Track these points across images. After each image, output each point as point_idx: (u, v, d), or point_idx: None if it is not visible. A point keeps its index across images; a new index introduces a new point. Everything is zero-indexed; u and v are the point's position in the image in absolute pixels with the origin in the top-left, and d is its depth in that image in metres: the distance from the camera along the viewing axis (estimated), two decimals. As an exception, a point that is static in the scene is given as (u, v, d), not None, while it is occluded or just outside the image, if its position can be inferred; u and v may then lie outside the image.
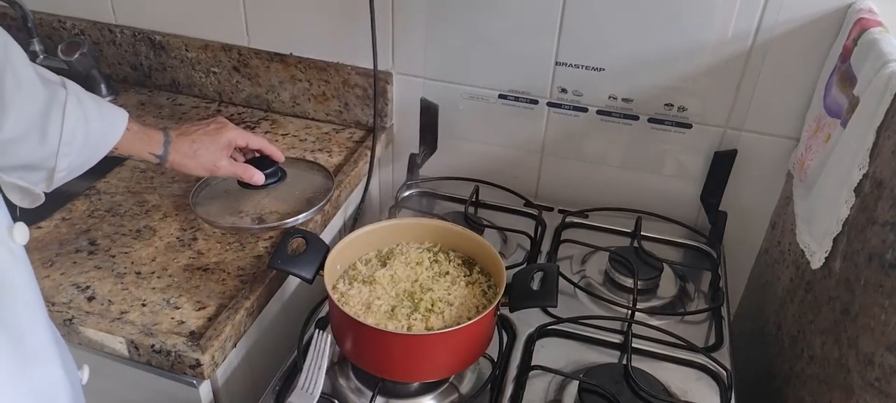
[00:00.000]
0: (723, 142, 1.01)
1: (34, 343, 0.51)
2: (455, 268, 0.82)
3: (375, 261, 0.83)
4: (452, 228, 0.85)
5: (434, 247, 0.85)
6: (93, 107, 0.72)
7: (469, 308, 0.76)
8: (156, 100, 1.25)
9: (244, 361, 0.84)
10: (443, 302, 0.76)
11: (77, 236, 0.90)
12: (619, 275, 0.94)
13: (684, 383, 0.80)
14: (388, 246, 0.85)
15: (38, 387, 0.50)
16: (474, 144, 1.14)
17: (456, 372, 0.78)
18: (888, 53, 0.71)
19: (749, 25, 0.91)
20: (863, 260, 0.70)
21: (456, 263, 0.83)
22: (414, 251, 0.84)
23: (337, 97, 1.16)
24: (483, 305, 0.77)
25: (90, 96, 0.73)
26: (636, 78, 0.99)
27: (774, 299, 0.98)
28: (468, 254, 0.84)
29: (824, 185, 0.79)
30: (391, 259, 0.83)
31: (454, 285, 0.79)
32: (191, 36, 1.20)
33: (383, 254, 0.84)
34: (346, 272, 0.82)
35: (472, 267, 0.83)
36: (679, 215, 1.08)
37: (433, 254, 0.84)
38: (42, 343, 0.52)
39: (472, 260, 0.84)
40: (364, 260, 0.83)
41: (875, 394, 0.64)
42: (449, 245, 0.85)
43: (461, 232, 0.84)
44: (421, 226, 0.86)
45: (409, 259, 0.82)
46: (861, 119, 0.72)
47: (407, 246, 0.85)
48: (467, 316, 0.75)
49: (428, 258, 0.83)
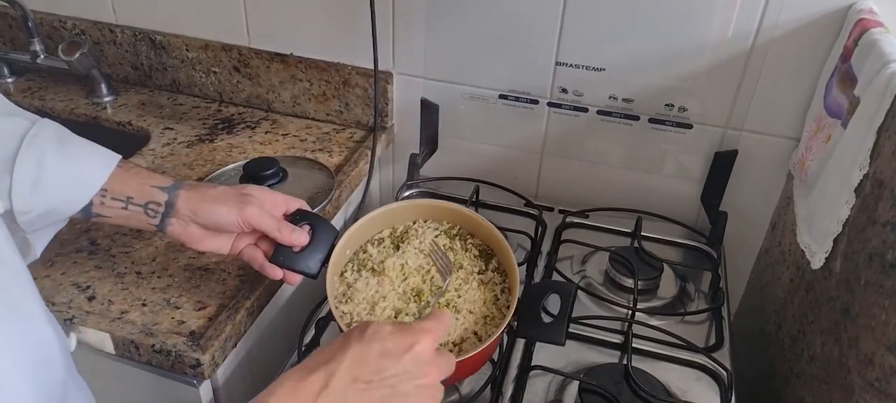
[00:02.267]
0: (723, 142, 1.01)
1: (24, 303, 0.51)
2: (470, 261, 0.79)
3: (388, 242, 0.81)
4: (472, 216, 0.82)
5: (452, 230, 0.82)
6: (52, 146, 0.65)
7: (477, 318, 0.73)
8: (156, 99, 1.25)
9: (244, 361, 0.84)
10: (450, 308, 0.74)
11: (77, 236, 0.90)
12: (620, 275, 0.94)
13: (684, 383, 0.80)
14: (404, 224, 0.82)
15: (31, 342, 0.50)
16: (474, 144, 1.14)
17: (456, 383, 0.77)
18: (889, 54, 0.71)
19: (749, 26, 0.91)
20: (863, 260, 0.70)
21: (473, 254, 0.80)
22: (430, 233, 0.81)
23: (337, 97, 1.16)
24: (492, 316, 0.74)
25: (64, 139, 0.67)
26: (636, 78, 0.99)
27: (775, 299, 0.98)
28: (487, 244, 0.81)
29: (825, 186, 0.79)
30: (405, 241, 0.80)
31: (466, 283, 0.76)
32: (191, 36, 1.20)
33: (397, 235, 0.81)
34: (356, 255, 0.79)
35: (489, 261, 0.79)
36: (679, 215, 1.07)
37: (450, 239, 0.81)
38: (29, 305, 0.52)
39: (489, 251, 0.81)
40: (376, 241, 0.81)
41: (875, 394, 0.64)
42: (468, 229, 0.82)
43: (480, 221, 0.80)
44: (438, 208, 0.83)
45: (423, 243, 0.79)
46: (861, 119, 0.72)
47: (423, 224, 0.82)
48: (473, 329, 0.72)
49: (443, 243, 0.80)
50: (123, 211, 0.69)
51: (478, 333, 0.72)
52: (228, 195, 0.72)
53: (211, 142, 1.13)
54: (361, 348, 0.53)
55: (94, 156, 0.69)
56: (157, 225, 0.71)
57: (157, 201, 0.70)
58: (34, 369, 0.50)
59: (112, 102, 1.24)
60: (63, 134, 0.68)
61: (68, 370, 0.56)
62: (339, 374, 0.51)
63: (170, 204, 0.70)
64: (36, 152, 0.63)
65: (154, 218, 0.70)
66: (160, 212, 0.70)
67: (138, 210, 0.70)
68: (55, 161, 0.64)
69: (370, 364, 0.52)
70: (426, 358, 0.55)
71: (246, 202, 0.71)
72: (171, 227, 0.71)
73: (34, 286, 0.54)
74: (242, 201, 0.71)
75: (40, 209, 0.64)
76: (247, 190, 0.73)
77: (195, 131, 1.16)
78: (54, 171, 0.64)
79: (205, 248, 0.73)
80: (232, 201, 0.71)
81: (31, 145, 0.63)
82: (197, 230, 0.72)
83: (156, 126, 1.17)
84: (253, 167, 0.97)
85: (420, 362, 0.54)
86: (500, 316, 0.73)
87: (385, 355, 0.53)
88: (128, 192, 0.69)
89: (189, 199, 0.71)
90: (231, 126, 1.18)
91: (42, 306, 0.54)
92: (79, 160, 0.67)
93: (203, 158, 1.08)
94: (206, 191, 0.72)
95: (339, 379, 0.51)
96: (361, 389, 0.51)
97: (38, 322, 0.53)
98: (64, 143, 0.67)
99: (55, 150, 0.65)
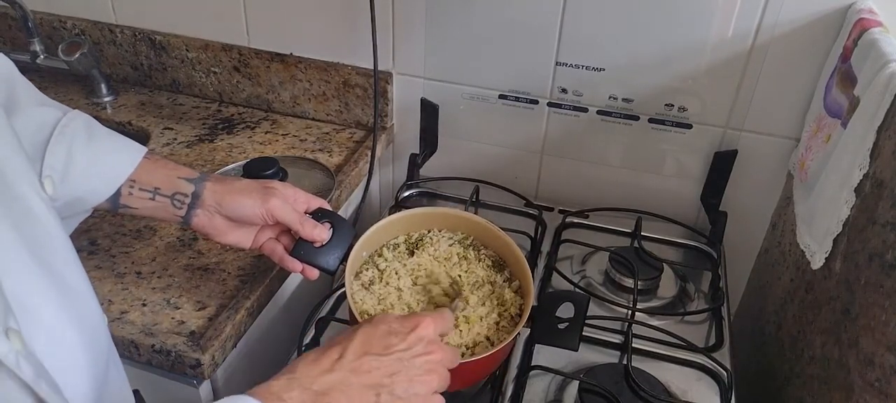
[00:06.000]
0: (723, 142, 1.01)
1: (70, 278, 0.53)
2: (484, 270, 0.80)
3: (403, 248, 0.82)
4: (488, 226, 0.82)
5: (466, 240, 0.83)
6: (82, 136, 0.67)
7: (490, 324, 0.74)
8: (156, 99, 1.25)
9: (244, 361, 0.84)
10: (463, 315, 0.74)
11: (77, 236, 0.90)
12: (620, 275, 0.94)
13: (684, 383, 0.80)
14: (419, 232, 0.83)
15: (81, 316, 0.52)
16: (474, 144, 1.14)
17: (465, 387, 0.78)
18: (888, 54, 0.71)
19: (749, 25, 0.91)
20: (863, 260, 0.70)
21: (486, 263, 0.81)
22: (444, 242, 0.82)
23: (337, 97, 1.16)
24: (505, 323, 0.74)
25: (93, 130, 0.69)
26: (636, 78, 0.99)
27: (774, 299, 0.98)
28: (499, 254, 0.82)
29: (825, 186, 0.79)
30: (420, 248, 0.81)
31: (480, 289, 0.77)
32: (191, 36, 1.20)
33: (412, 241, 0.82)
34: (372, 258, 0.80)
35: (502, 270, 0.80)
36: (679, 215, 1.07)
37: (464, 248, 0.82)
38: (76, 279, 0.54)
39: (502, 262, 0.81)
40: (391, 246, 0.82)
41: (875, 394, 0.64)
42: (481, 240, 0.83)
43: (496, 231, 0.81)
44: (454, 217, 0.84)
45: (437, 251, 0.80)
46: (861, 119, 0.72)
47: (438, 234, 0.83)
48: (486, 334, 0.73)
49: (457, 253, 0.81)
50: (151, 201, 0.70)
51: (490, 338, 0.72)
52: (253, 187, 0.73)
53: (211, 143, 1.13)
54: (370, 329, 0.59)
55: (121, 148, 0.70)
56: (183, 217, 0.72)
57: (184, 192, 0.71)
58: (89, 342, 0.52)
59: (112, 102, 1.24)
60: (92, 125, 0.69)
61: (109, 345, 0.58)
62: (352, 348, 0.56)
63: (196, 196, 0.71)
64: (66, 142, 0.65)
65: (180, 210, 0.71)
66: (187, 204, 0.71)
67: (165, 201, 0.71)
68: (84, 151, 0.66)
69: (379, 341, 0.58)
70: (430, 338, 0.60)
71: (270, 194, 0.72)
72: (197, 219, 0.72)
73: (78, 262, 0.56)
74: (266, 193, 0.72)
75: (67, 197, 0.66)
76: (271, 184, 0.74)
77: (195, 131, 1.16)
78: (83, 161, 0.66)
79: (228, 241, 0.74)
80: (256, 193, 0.72)
81: (61, 134, 0.65)
82: (221, 222, 0.72)
83: (156, 126, 1.17)
84: (253, 167, 0.97)
85: (424, 340, 0.59)
86: (512, 323, 0.74)
87: (392, 333, 0.59)
88: (155, 183, 0.70)
89: (215, 191, 0.71)
90: (231, 126, 1.18)
91: (86, 281, 0.56)
92: (107, 151, 0.69)
93: (203, 158, 1.08)
94: (231, 182, 0.73)
95: (351, 352, 0.56)
96: (372, 360, 0.56)
97: (86, 295, 0.55)
98: (93, 134, 0.68)
99: (85, 141, 0.66)
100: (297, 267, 0.74)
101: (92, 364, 0.52)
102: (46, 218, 0.53)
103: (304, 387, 0.52)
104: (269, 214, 0.72)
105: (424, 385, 0.58)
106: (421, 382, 0.57)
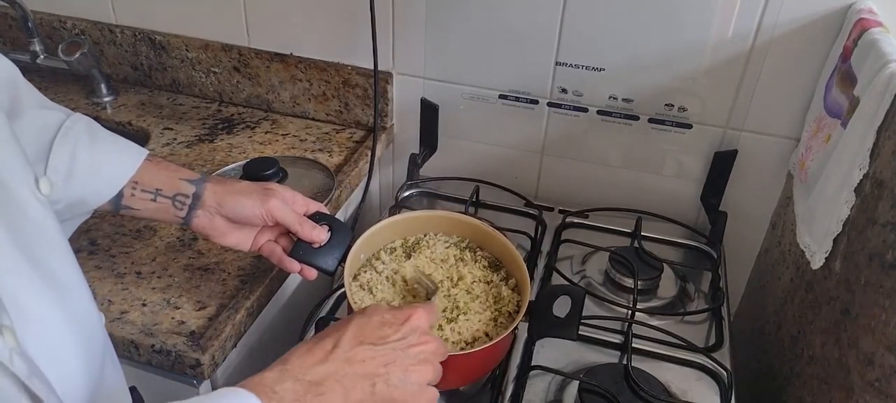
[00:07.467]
0: (723, 142, 1.01)
1: (65, 277, 0.54)
2: (480, 270, 0.80)
3: (400, 251, 0.82)
4: (484, 228, 0.83)
5: (462, 242, 0.84)
6: (85, 139, 0.68)
7: (485, 321, 0.74)
8: (156, 99, 1.25)
9: (244, 361, 0.84)
10: (461, 311, 0.74)
11: (77, 236, 0.90)
12: (620, 275, 0.94)
13: (684, 383, 0.80)
14: (416, 235, 0.84)
15: (75, 314, 0.53)
16: (474, 144, 1.14)
17: (467, 384, 0.78)
18: (888, 54, 0.71)
19: (749, 26, 0.91)
20: (863, 260, 0.70)
21: (482, 265, 0.81)
22: (441, 245, 0.83)
23: (337, 97, 1.16)
24: (502, 319, 0.75)
25: (95, 132, 0.70)
26: (636, 78, 0.99)
27: (774, 299, 0.98)
28: (495, 255, 0.83)
29: (825, 186, 0.79)
30: (417, 251, 0.82)
31: (477, 286, 0.78)
32: (191, 36, 1.20)
33: (409, 244, 0.83)
34: (370, 261, 0.81)
35: (498, 271, 0.81)
36: (679, 215, 1.07)
37: (460, 251, 0.82)
38: (71, 277, 0.55)
39: (498, 263, 0.82)
40: (389, 249, 0.82)
41: (875, 394, 0.64)
42: (478, 242, 0.84)
43: (492, 233, 0.82)
44: (451, 220, 0.85)
45: (434, 254, 0.81)
46: (861, 119, 0.72)
47: (434, 238, 0.84)
48: (484, 331, 0.73)
49: (454, 255, 0.82)
50: (152, 202, 0.71)
51: (489, 334, 0.73)
52: (252, 189, 0.74)
53: (211, 143, 1.13)
54: (363, 319, 0.59)
55: (123, 150, 0.72)
56: (184, 218, 0.72)
57: (185, 193, 0.72)
58: (82, 340, 0.53)
59: (112, 102, 1.24)
60: (94, 127, 0.70)
61: (105, 342, 0.58)
62: (346, 338, 0.56)
63: (197, 197, 0.72)
64: (70, 144, 0.66)
65: (181, 211, 0.72)
66: (188, 204, 0.72)
67: (167, 202, 0.71)
68: (87, 153, 0.67)
69: (373, 331, 0.58)
70: (423, 329, 0.61)
71: (269, 195, 0.73)
72: (197, 220, 0.73)
73: (75, 261, 0.56)
74: (266, 194, 0.73)
75: (70, 198, 0.67)
76: (270, 185, 0.75)
77: (195, 131, 1.16)
78: (86, 162, 0.67)
79: (228, 242, 0.75)
80: (256, 194, 0.73)
81: (65, 137, 0.66)
82: (222, 222, 0.73)
83: (155, 126, 1.17)
84: (253, 167, 0.97)
85: (418, 331, 0.60)
86: (510, 320, 0.74)
87: (385, 324, 0.59)
88: (157, 184, 0.71)
89: (215, 192, 0.72)
90: (231, 126, 1.18)
91: (82, 279, 0.56)
92: (109, 153, 0.70)
93: (203, 158, 1.08)
94: (231, 184, 0.74)
95: (346, 342, 0.56)
96: (367, 349, 0.56)
97: (80, 293, 0.55)
98: (96, 136, 0.69)
99: (88, 143, 0.68)
100: (295, 267, 0.75)
101: (86, 362, 0.53)
102: (42, 218, 0.53)
103: (297, 378, 0.53)
104: (268, 215, 0.72)
105: (419, 375, 0.58)
106: (415, 372, 0.58)
